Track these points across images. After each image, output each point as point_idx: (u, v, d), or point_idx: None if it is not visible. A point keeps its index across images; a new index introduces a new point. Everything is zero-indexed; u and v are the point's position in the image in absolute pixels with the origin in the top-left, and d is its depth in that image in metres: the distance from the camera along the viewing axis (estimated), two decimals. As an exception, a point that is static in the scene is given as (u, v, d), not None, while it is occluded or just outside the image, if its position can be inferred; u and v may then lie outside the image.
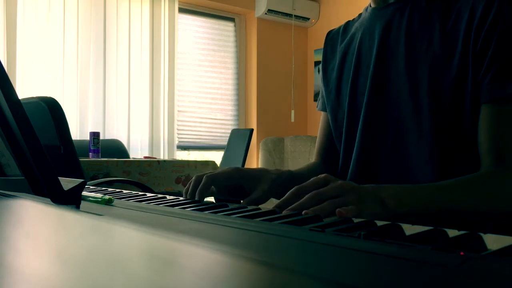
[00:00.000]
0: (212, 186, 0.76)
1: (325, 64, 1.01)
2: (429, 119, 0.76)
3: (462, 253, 0.30)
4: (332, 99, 0.96)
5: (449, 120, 0.75)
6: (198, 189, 0.73)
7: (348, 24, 1.00)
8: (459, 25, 0.75)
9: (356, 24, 0.95)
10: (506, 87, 0.69)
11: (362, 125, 0.85)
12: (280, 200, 0.63)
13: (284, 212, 0.58)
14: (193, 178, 0.76)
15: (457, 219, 0.67)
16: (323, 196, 0.59)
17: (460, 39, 0.74)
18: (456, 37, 0.75)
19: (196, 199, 0.72)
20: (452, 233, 0.42)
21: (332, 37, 1.02)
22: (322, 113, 1.03)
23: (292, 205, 0.59)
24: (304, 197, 0.60)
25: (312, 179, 0.65)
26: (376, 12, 0.88)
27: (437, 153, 0.76)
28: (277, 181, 0.80)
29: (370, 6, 0.91)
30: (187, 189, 0.75)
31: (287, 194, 0.63)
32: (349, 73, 0.91)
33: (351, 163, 0.88)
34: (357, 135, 0.87)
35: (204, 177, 0.74)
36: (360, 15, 0.97)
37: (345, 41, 0.96)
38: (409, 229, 0.45)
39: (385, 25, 0.85)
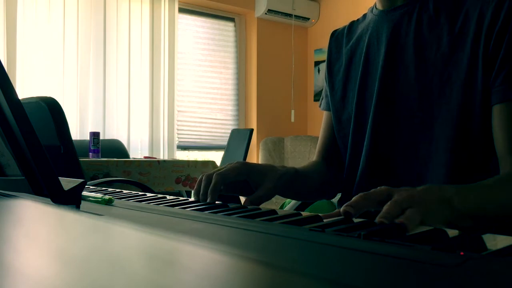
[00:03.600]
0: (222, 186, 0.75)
1: (329, 65, 1.00)
2: (440, 122, 0.76)
3: (462, 253, 0.30)
4: (337, 101, 0.95)
5: (459, 122, 0.75)
6: (210, 189, 0.71)
7: (352, 25, 0.99)
8: (468, 28, 0.74)
9: (362, 25, 0.94)
10: None
11: (371, 127, 0.85)
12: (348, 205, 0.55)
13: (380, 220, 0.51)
14: (203, 178, 0.74)
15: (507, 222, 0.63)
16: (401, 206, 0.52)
17: (469, 41, 0.74)
18: (464, 40, 0.75)
19: (208, 200, 0.71)
20: (452, 233, 0.42)
21: (336, 37, 1.01)
22: (325, 112, 1.03)
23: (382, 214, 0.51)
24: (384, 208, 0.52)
25: (375, 190, 0.57)
26: (384, 15, 0.87)
27: (449, 154, 0.76)
28: (283, 179, 0.80)
29: (376, 7, 0.91)
30: (198, 190, 0.74)
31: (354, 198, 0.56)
32: (357, 76, 0.90)
33: (361, 165, 0.87)
34: (366, 137, 0.86)
35: (214, 175, 0.72)
36: (364, 15, 0.96)
37: (351, 42, 0.95)
38: (409, 229, 0.45)
39: (393, 29, 0.84)
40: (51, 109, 1.86)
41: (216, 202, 0.70)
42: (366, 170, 0.86)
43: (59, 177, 0.49)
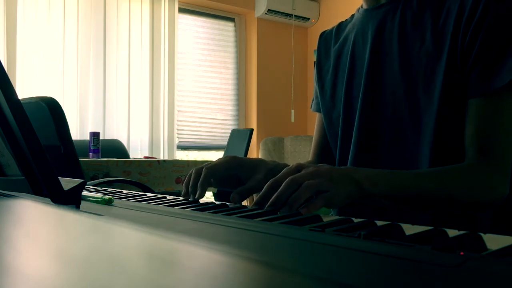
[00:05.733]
0: (212, 179, 0.76)
1: (319, 66, 1.01)
2: (425, 118, 0.77)
3: (462, 253, 0.30)
4: (327, 100, 0.96)
5: (445, 118, 0.75)
6: (199, 182, 0.72)
7: (341, 25, 1.00)
8: (449, 23, 0.75)
9: (349, 25, 0.95)
10: (491, 83, 0.70)
11: (358, 125, 0.86)
12: (258, 196, 0.63)
13: (266, 208, 0.59)
14: (193, 171, 0.75)
15: (436, 207, 0.69)
16: (299, 181, 0.60)
17: (449, 36, 0.74)
18: (446, 35, 0.75)
19: (198, 192, 0.72)
20: (452, 233, 0.42)
21: (325, 38, 1.02)
22: (318, 113, 1.04)
23: (271, 198, 0.59)
24: (281, 186, 0.60)
25: (284, 169, 0.65)
26: (368, 13, 0.88)
27: (435, 152, 0.76)
28: (273, 171, 0.80)
29: (362, 7, 0.92)
30: (187, 182, 0.75)
31: (263, 189, 0.63)
32: (344, 75, 0.91)
33: (349, 161, 0.88)
34: (353, 135, 0.87)
35: (204, 169, 0.74)
36: (353, 16, 0.97)
37: (339, 42, 0.96)
38: (409, 229, 0.45)
39: (377, 26, 0.85)
40: (51, 109, 1.86)
41: (216, 202, 0.70)
42: (354, 165, 0.87)
43: (59, 177, 0.49)
